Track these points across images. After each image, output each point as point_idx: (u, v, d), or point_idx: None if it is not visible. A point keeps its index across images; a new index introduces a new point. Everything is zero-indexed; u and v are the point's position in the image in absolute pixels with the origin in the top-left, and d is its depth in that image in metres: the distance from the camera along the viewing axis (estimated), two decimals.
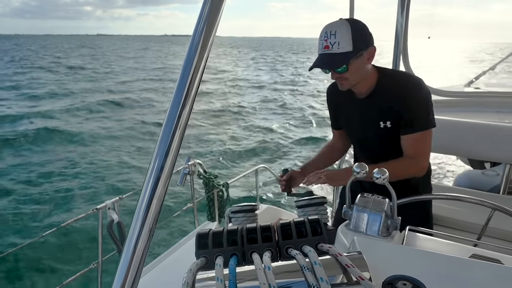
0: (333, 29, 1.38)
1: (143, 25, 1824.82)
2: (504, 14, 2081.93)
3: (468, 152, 2.56)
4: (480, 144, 2.24)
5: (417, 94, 1.47)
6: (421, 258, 0.76)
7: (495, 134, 2.21)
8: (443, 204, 1.93)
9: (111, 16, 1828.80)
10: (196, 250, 0.78)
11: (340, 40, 1.37)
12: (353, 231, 1.00)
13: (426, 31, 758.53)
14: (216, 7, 0.64)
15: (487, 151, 2.28)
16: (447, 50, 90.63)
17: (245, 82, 25.75)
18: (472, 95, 3.07)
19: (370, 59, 1.47)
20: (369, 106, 1.55)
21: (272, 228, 0.80)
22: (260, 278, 0.64)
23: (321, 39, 1.42)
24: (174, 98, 0.62)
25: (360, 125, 1.63)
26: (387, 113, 1.50)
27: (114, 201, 2.06)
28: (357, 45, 1.39)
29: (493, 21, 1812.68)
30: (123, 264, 0.56)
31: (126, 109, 16.33)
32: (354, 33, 1.38)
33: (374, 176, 0.97)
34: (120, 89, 21.02)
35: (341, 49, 1.38)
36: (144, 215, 0.57)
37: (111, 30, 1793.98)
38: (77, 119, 13.87)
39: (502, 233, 1.81)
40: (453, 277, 0.69)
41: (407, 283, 0.55)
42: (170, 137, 0.61)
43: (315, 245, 0.75)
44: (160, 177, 0.59)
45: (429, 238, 1.03)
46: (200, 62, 0.62)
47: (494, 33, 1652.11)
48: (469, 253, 0.88)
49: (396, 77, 1.54)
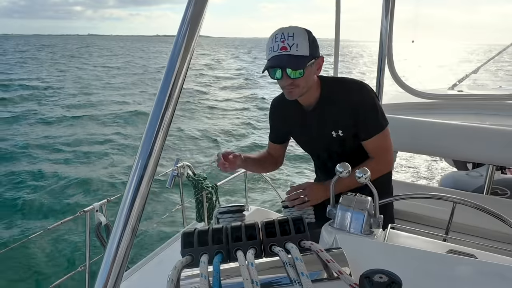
0: (290, 32, 1.34)
1: (135, 25, 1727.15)
2: (493, 15, 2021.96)
3: (450, 153, 2.63)
4: (461, 145, 2.30)
5: (362, 98, 1.46)
6: (399, 253, 0.79)
7: (475, 135, 2.27)
8: (425, 204, 1.98)
9: (102, 16, 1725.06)
10: (182, 248, 0.79)
11: (298, 43, 1.33)
12: (337, 229, 1.02)
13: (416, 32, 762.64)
14: (199, 10, 0.66)
15: (468, 152, 2.34)
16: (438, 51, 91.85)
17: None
18: (453, 97, 3.15)
19: (319, 70, 1.45)
20: (319, 117, 1.52)
21: (257, 226, 0.82)
22: (244, 274, 0.66)
23: (275, 41, 1.34)
24: (158, 98, 0.63)
25: (313, 137, 1.59)
26: (337, 121, 1.49)
27: (102, 203, 2.05)
28: (312, 51, 1.36)
29: (482, 23, 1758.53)
30: (106, 262, 0.57)
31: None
32: (310, 39, 1.36)
33: (357, 175, 1.00)
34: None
35: (299, 51, 1.33)
36: (126, 215, 0.58)
37: (102, 30, 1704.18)
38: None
39: (480, 231, 1.86)
40: (429, 271, 0.72)
41: (383, 276, 0.57)
42: (153, 138, 0.61)
43: (298, 242, 0.77)
44: (143, 177, 0.60)
45: (409, 236, 1.06)
46: (184, 63, 0.63)
47: (483, 35, 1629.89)
48: (446, 249, 0.91)
49: (339, 84, 1.53)
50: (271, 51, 1.36)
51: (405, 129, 2.44)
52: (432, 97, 2.94)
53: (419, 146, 2.48)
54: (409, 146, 2.60)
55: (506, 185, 3.10)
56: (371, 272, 0.58)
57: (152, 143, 0.61)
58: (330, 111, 1.49)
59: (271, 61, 1.36)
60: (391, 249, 0.85)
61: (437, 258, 0.77)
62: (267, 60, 1.39)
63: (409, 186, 3.05)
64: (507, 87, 4.37)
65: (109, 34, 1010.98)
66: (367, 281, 0.57)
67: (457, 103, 3.04)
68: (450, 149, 2.38)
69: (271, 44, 1.36)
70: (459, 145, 2.30)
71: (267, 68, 1.37)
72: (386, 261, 0.76)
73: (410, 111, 2.94)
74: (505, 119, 2.77)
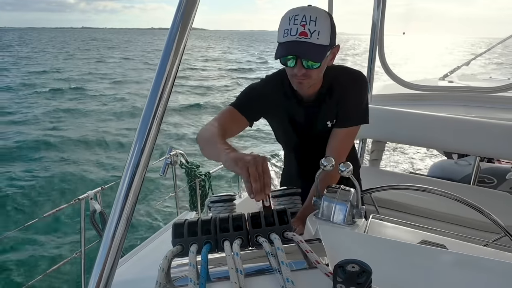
0: (314, 14, 1.16)
1: (129, 18, 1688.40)
2: (488, 9, 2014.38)
3: (437, 144, 2.69)
4: (448, 137, 2.36)
5: (353, 87, 1.39)
6: (375, 244, 0.85)
7: (462, 127, 2.33)
8: (409, 193, 2.05)
9: (96, 8, 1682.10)
10: (173, 239, 0.84)
11: (321, 30, 1.16)
12: (321, 219, 1.07)
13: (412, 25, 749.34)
14: (192, 2, 0.67)
15: (455, 143, 2.41)
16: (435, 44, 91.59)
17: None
18: (442, 89, 3.20)
19: (332, 60, 1.33)
20: (316, 107, 1.43)
21: (244, 218, 0.87)
22: (229, 263, 0.71)
23: (294, 23, 1.16)
24: (151, 92, 0.65)
25: (307, 127, 1.49)
26: (331, 111, 1.42)
27: (96, 191, 2.09)
28: (332, 40, 1.21)
29: (478, 16, 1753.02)
30: (103, 249, 0.61)
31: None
32: (332, 25, 1.20)
33: (340, 169, 1.05)
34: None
35: (320, 40, 1.17)
36: (122, 203, 0.62)
37: (96, 23, 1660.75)
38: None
39: (460, 219, 1.94)
40: (399, 261, 0.78)
41: (355, 266, 0.62)
42: (147, 129, 0.64)
43: (282, 233, 0.82)
44: (137, 167, 0.63)
45: (389, 225, 1.12)
46: (176, 57, 0.65)
47: (479, 27, 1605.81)
48: (420, 239, 0.97)
49: (339, 73, 1.42)
50: (288, 34, 1.17)
51: (393, 120, 2.50)
52: (421, 89, 2.99)
53: (407, 137, 2.54)
54: (398, 137, 2.65)
55: (492, 174, 3.18)
56: (345, 262, 0.64)
57: (147, 134, 0.63)
58: (328, 101, 1.42)
59: (288, 47, 1.18)
60: (367, 240, 0.90)
61: (408, 248, 0.83)
62: (280, 44, 1.21)
63: (395, 175, 3.12)
64: (496, 78, 4.43)
65: (104, 27, 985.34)
66: (340, 270, 0.62)
67: (446, 94, 3.10)
68: (437, 140, 2.44)
69: (289, 25, 1.17)
70: (446, 136, 2.36)
71: (282, 55, 1.20)
72: (363, 251, 0.82)
73: (400, 102, 2.99)
74: (492, 112, 2.83)
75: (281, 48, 1.20)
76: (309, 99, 1.42)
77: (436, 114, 2.44)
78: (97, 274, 0.60)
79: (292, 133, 1.54)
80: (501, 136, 2.22)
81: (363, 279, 0.60)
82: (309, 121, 1.48)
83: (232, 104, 1.43)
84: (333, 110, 1.42)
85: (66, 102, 15.22)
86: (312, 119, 1.47)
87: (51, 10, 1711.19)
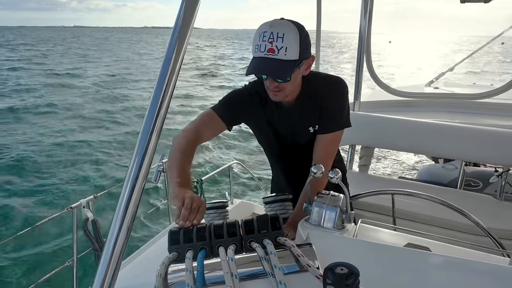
0: (281, 31, 1.19)
1: (122, 16, 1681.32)
2: (480, 9, 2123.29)
3: (422, 149, 2.76)
4: (433, 142, 2.43)
5: (335, 94, 1.43)
6: (363, 247, 0.89)
7: (446, 133, 2.41)
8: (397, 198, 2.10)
9: (87, 7, 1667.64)
10: (169, 245, 0.87)
11: (288, 46, 1.19)
12: (312, 225, 1.11)
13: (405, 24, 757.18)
14: (194, 2, 0.69)
15: (439, 149, 2.48)
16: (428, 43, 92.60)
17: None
18: (427, 96, 3.29)
19: (307, 70, 1.35)
20: (296, 111, 1.45)
21: (237, 224, 0.90)
22: (224, 268, 0.74)
23: (263, 40, 1.20)
24: (154, 93, 0.67)
25: (288, 133, 1.51)
26: (313, 117, 1.45)
27: (89, 199, 2.10)
28: (302, 53, 1.24)
29: (469, 15, 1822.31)
30: (105, 257, 0.63)
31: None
32: (301, 40, 1.23)
33: (329, 176, 1.09)
34: None
35: (288, 56, 1.21)
36: (122, 216, 0.65)
37: (88, 21, 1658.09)
38: None
39: (446, 223, 2.00)
40: (386, 263, 0.82)
41: (344, 268, 0.66)
42: (147, 139, 0.66)
43: (274, 238, 0.86)
44: (137, 179, 0.65)
45: (377, 229, 1.16)
46: (177, 60, 0.67)
47: (470, 26, 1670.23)
48: (406, 242, 1.01)
49: (319, 80, 1.45)
50: (257, 50, 1.22)
51: (381, 126, 2.56)
52: (407, 95, 3.07)
53: (395, 142, 2.60)
54: (385, 143, 2.72)
55: (478, 178, 3.27)
56: (334, 265, 0.67)
57: (147, 143, 0.65)
58: (308, 107, 1.44)
59: (255, 64, 1.24)
60: (356, 244, 0.94)
61: (395, 251, 0.88)
62: (252, 59, 1.26)
63: (384, 180, 3.19)
64: (480, 84, 4.56)
65: (96, 26, 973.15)
66: (330, 273, 0.66)
67: (431, 101, 3.18)
68: (423, 145, 2.51)
69: (258, 41, 1.22)
70: (432, 142, 2.43)
71: (250, 72, 1.25)
72: (351, 254, 0.86)
73: (387, 108, 3.07)
74: (475, 117, 2.92)
75: (252, 63, 1.25)
76: (290, 105, 1.45)
77: (422, 120, 2.51)
78: (99, 282, 0.63)
79: (274, 139, 1.56)
80: (484, 141, 2.30)
81: (351, 280, 0.64)
82: (290, 127, 1.50)
83: (212, 108, 1.46)
84: (315, 115, 1.45)
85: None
86: (293, 125, 1.49)
87: (42, 9, 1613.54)
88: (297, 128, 1.50)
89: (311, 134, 1.48)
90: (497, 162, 2.51)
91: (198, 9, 0.70)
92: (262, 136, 1.59)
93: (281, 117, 1.48)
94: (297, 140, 1.52)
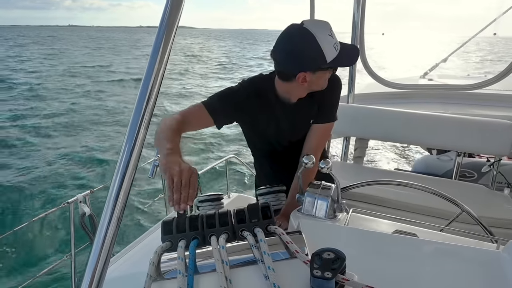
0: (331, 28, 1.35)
1: (117, 16, 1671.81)
2: (472, 8, 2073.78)
3: (416, 140, 2.78)
4: (426, 133, 2.45)
5: (334, 90, 1.52)
6: (351, 234, 0.91)
7: (439, 124, 2.43)
8: (389, 188, 2.13)
9: (82, 6, 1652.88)
10: (162, 235, 0.89)
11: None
12: (305, 214, 1.13)
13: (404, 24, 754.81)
14: (177, 4, 0.71)
15: (433, 140, 2.51)
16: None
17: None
18: (420, 87, 3.31)
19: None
20: (301, 107, 1.51)
21: (229, 214, 0.92)
22: (215, 255, 0.76)
23: (333, 37, 1.34)
24: (142, 89, 0.69)
25: (291, 127, 1.55)
26: (313, 111, 1.52)
27: (85, 194, 2.11)
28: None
29: (463, 16, 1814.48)
30: (95, 249, 0.65)
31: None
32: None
33: (320, 166, 1.11)
34: None
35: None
36: (113, 205, 0.66)
37: (82, 21, 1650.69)
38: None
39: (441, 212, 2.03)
40: (373, 248, 0.84)
41: (330, 254, 0.68)
42: (136, 132, 0.67)
43: (265, 227, 0.88)
44: (126, 170, 0.66)
45: (368, 218, 1.18)
46: (163, 57, 0.69)
47: (465, 26, 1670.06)
48: (394, 229, 1.04)
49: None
50: (336, 45, 1.33)
51: (375, 118, 2.58)
52: (401, 87, 3.09)
53: (388, 134, 2.62)
54: (379, 134, 2.74)
55: (472, 168, 3.30)
56: (322, 250, 0.69)
57: (135, 136, 0.66)
58: (310, 102, 1.50)
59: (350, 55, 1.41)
60: (344, 231, 0.97)
61: (382, 237, 0.90)
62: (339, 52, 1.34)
63: (378, 172, 3.22)
64: (474, 75, 4.58)
65: (91, 25, 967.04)
66: (317, 258, 0.68)
67: (425, 92, 3.20)
68: (417, 137, 2.53)
69: (332, 40, 1.32)
70: (425, 133, 2.45)
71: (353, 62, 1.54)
72: (340, 241, 0.88)
73: (382, 100, 3.09)
74: (468, 108, 2.94)
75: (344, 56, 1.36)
76: (291, 103, 1.49)
77: (415, 111, 2.53)
78: (90, 272, 0.64)
79: (275, 135, 1.58)
80: (476, 132, 2.33)
81: (337, 264, 0.66)
82: (292, 120, 1.53)
83: (203, 102, 1.43)
84: (314, 110, 1.52)
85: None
86: (295, 117, 1.52)
87: (36, 8, 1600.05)
88: (300, 123, 1.54)
89: (309, 128, 1.54)
90: (488, 152, 2.53)
91: (183, 9, 0.72)
92: (257, 133, 1.60)
93: (285, 112, 1.51)
94: (299, 134, 1.57)
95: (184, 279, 0.71)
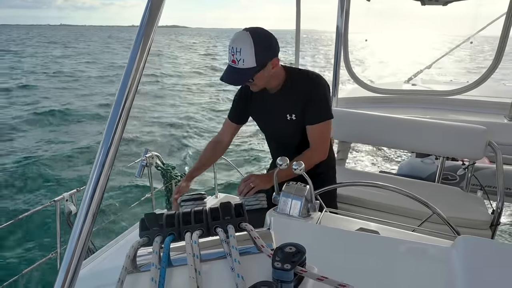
0: (239, 46, 1.49)
1: (109, 15, 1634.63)
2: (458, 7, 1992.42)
3: (397, 144, 2.87)
4: (407, 137, 2.54)
5: (316, 89, 1.67)
6: (317, 232, 0.98)
7: (419, 128, 2.52)
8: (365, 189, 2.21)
9: (74, 5, 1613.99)
10: (140, 231, 0.94)
11: (244, 58, 1.49)
12: (280, 213, 1.19)
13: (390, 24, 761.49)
14: (158, 3, 0.73)
15: (413, 143, 2.59)
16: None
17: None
18: (402, 92, 3.41)
19: (275, 67, 1.60)
20: (278, 101, 1.72)
21: (204, 211, 0.97)
22: (188, 249, 0.82)
23: (230, 52, 1.53)
24: (120, 87, 0.70)
25: (270, 118, 1.79)
26: (293, 106, 1.69)
27: (72, 193, 2.14)
28: (260, 60, 1.51)
29: (450, 14, 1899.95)
30: (71, 244, 0.68)
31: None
32: (256, 49, 1.49)
33: (293, 167, 1.17)
34: None
35: (246, 65, 1.50)
36: (89, 201, 0.69)
37: (74, 20, 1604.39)
38: None
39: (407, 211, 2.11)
40: (336, 244, 0.91)
41: (292, 248, 0.74)
42: (113, 130, 0.69)
43: (238, 224, 0.94)
44: (103, 167, 0.68)
45: (339, 217, 1.25)
46: (143, 56, 0.71)
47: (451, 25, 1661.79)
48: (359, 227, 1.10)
49: (300, 75, 1.72)
50: (228, 59, 1.56)
51: (357, 121, 2.66)
52: (382, 92, 3.18)
53: (370, 137, 2.71)
54: (361, 138, 2.82)
55: (454, 171, 3.41)
56: (284, 245, 0.76)
57: (113, 132, 0.69)
58: (289, 96, 1.69)
59: (225, 74, 1.57)
60: (311, 228, 1.03)
61: (346, 234, 0.96)
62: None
63: (360, 174, 3.30)
64: (456, 81, 4.71)
65: (83, 24, 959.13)
66: (279, 251, 0.74)
67: (406, 97, 3.30)
68: (397, 140, 2.62)
69: (228, 53, 1.54)
70: (405, 137, 2.54)
71: (220, 79, 1.58)
72: (307, 238, 0.94)
73: (364, 104, 3.17)
74: (446, 113, 3.04)
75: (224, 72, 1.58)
76: (272, 96, 1.74)
77: (397, 116, 2.61)
78: (65, 265, 0.67)
79: (262, 121, 1.88)
80: (453, 136, 2.42)
81: (297, 258, 0.72)
82: (271, 111, 1.77)
83: (228, 115, 1.92)
84: (296, 106, 1.69)
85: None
86: (273, 109, 1.75)
87: (27, 7, 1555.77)
88: (276, 113, 1.75)
89: (289, 121, 1.72)
90: (464, 156, 2.63)
91: (163, 9, 0.76)
92: (256, 121, 1.91)
93: (265, 103, 1.78)
94: (276, 125, 1.79)
95: (157, 271, 0.77)
